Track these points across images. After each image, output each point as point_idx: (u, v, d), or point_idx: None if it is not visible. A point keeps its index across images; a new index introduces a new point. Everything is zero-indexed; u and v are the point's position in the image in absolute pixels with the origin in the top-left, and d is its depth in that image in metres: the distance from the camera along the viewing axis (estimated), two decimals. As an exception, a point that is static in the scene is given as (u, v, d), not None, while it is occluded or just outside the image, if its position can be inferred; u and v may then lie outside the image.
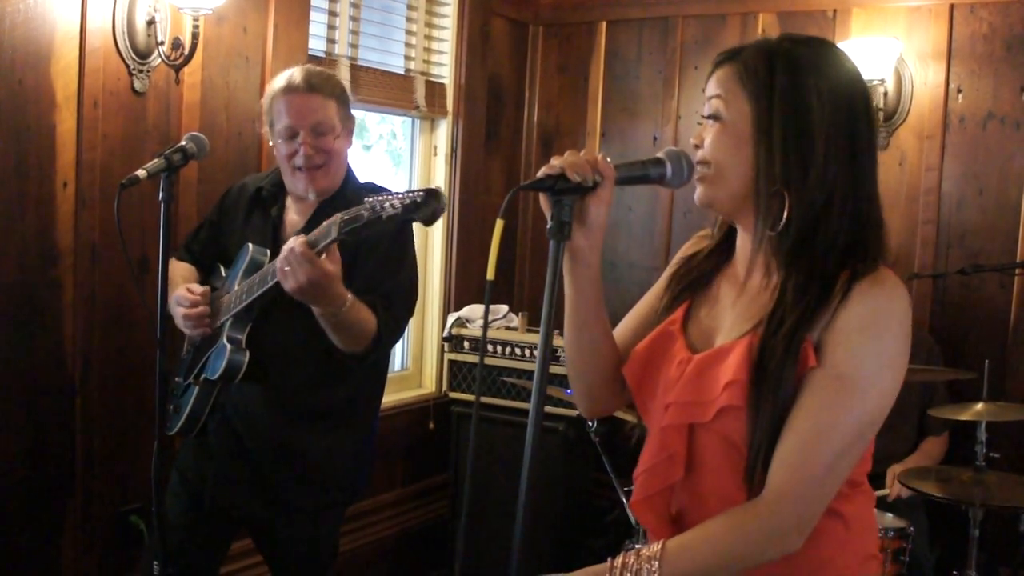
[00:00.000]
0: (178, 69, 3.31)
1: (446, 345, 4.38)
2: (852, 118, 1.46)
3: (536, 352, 1.75)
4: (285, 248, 2.34)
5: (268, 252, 2.65)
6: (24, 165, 3.03)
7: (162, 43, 3.26)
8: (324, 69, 2.78)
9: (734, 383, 1.43)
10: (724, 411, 1.45)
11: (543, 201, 1.47)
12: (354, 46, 4.07)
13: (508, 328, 4.23)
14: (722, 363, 1.47)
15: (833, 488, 1.43)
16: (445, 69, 4.45)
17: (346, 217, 2.22)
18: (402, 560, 4.40)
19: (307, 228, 2.62)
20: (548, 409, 2.43)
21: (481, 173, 4.62)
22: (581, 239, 1.50)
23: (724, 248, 1.64)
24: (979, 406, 3.12)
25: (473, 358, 4.20)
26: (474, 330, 4.21)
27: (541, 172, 1.45)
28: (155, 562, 2.53)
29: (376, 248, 2.57)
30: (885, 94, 4.00)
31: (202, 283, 2.77)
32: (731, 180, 1.49)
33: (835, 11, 4.15)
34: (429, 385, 4.58)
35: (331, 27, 3.95)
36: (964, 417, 3.13)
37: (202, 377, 2.65)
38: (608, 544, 4.02)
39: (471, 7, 4.45)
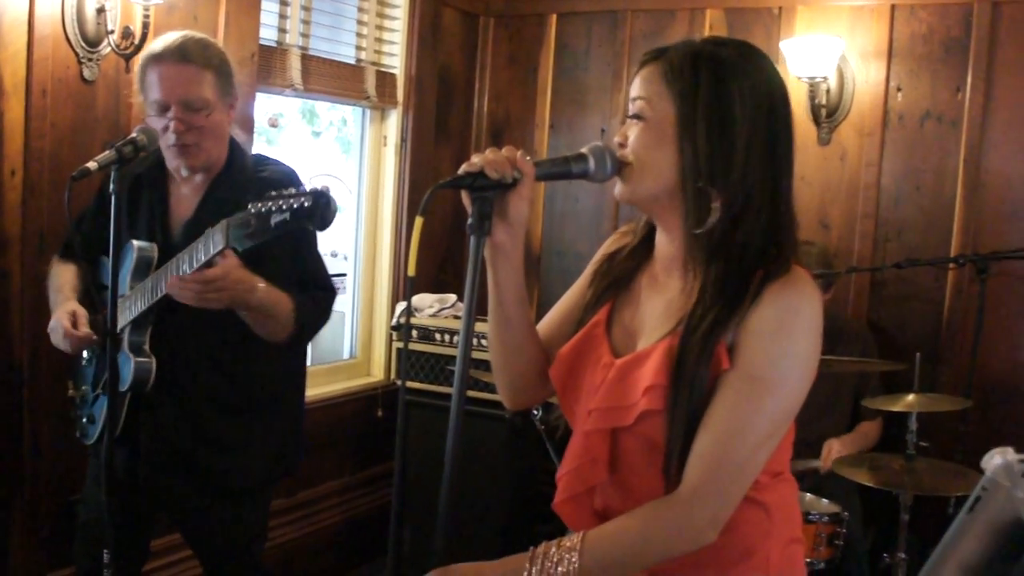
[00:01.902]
0: (128, 58, 3.30)
1: (394, 334, 4.42)
2: (773, 121, 1.50)
3: (485, 341, 1.78)
4: (170, 285, 2.31)
5: (155, 246, 2.55)
6: (-29, 154, 3.01)
7: (112, 32, 3.24)
8: (205, 36, 2.59)
9: (653, 387, 1.47)
10: (644, 415, 1.49)
11: (465, 198, 1.50)
12: (305, 35, 4.07)
13: (456, 317, 4.27)
14: (642, 367, 1.51)
15: (746, 483, 1.48)
16: (396, 59, 4.46)
17: (234, 224, 2.15)
18: (350, 548, 4.44)
19: (196, 215, 2.55)
20: (495, 397, 2.46)
21: (431, 163, 4.65)
22: (502, 234, 1.53)
23: (646, 246, 1.67)
24: (910, 397, 3.22)
25: (423, 347, 4.24)
26: (423, 319, 4.26)
27: (461, 169, 1.48)
28: (105, 551, 2.53)
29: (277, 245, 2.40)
30: (828, 91, 4.10)
31: (89, 283, 2.67)
32: (652, 177, 1.52)
33: (780, 8, 4.24)
34: (378, 373, 4.62)
35: (282, 16, 3.95)
36: (896, 408, 3.24)
37: (108, 388, 2.51)
38: (554, 530, 4.08)
39: (422, -2, 4.47)
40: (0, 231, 3.10)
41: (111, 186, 2.43)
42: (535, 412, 3.46)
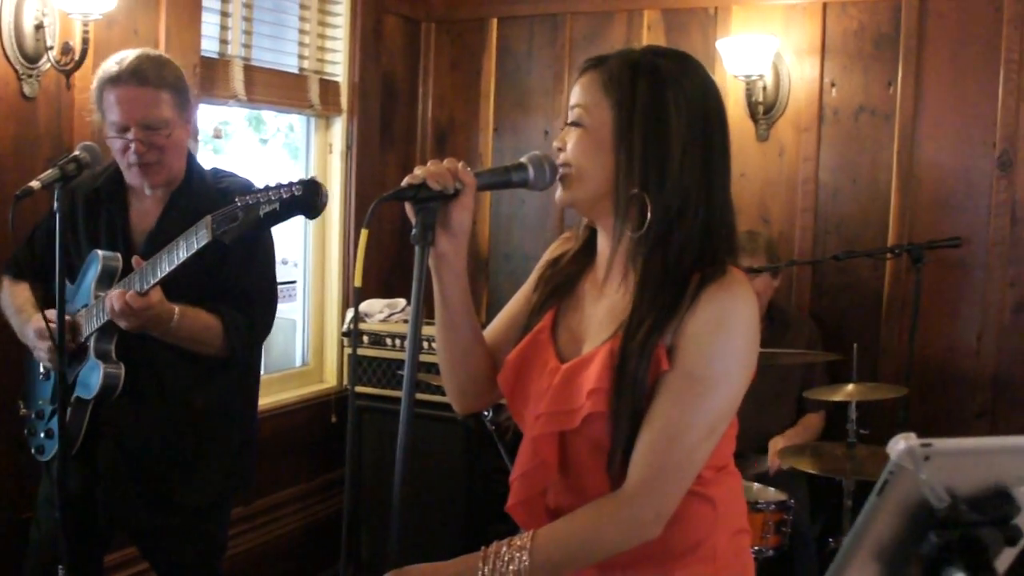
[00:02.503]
0: (68, 74, 3.29)
1: (345, 340, 4.44)
2: (708, 129, 1.57)
3: (435, 344, 1.81)
4: (108, 302, 2.36)
5: (120, 256, 2.58)
6: (-90, 173, 3.00)
7: (51, 48, 3.24)
8: (160, 54, 2.65)
9: (597, 390, 1.53)
10: (589, 417, 1.53)
11: (408, 209, 1.54)
12: (247, 46, 4.08)
13: (406, 321, 4.31)
14: (586, 371, 1.56)
15: (688, 479, 1.54)
16: (339, 67, 4.49)
17: (219, 217, 2.17)
18: (307, 554, 4.45)
19: (159, 226, 2.59)
20: (447, 399, 2.50)
21: (377, 169, 4.67)
22: (446, 244, 1.57)
23: (588, 250, 1.71)
24: (849, 387, 3.32)
25: (374, 352, 4.27)
26: (373, 324, 4.28)
27: (404, 182, 1.52)
28: (60, 567, 2.54)
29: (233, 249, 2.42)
30: (764, 88, 4.19)
31: (45, 299, 2.68)
32: (590, 182, 1.57)
33: (716, 8, 4.32)
34: (331, 380, 4.63)
35: (223, 27, 3.95)
36: (836, 398, 3.33)
37: (74, 397, 2.59)
38: (512, 529, 4.13)
39: (364, 5, 4.49)
40: (-56, 251, 3.08)
41: (54, 204, 2.46)
42: (486, 414, 3.51)
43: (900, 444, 1.22)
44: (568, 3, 4.59)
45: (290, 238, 4.53)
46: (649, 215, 1.53)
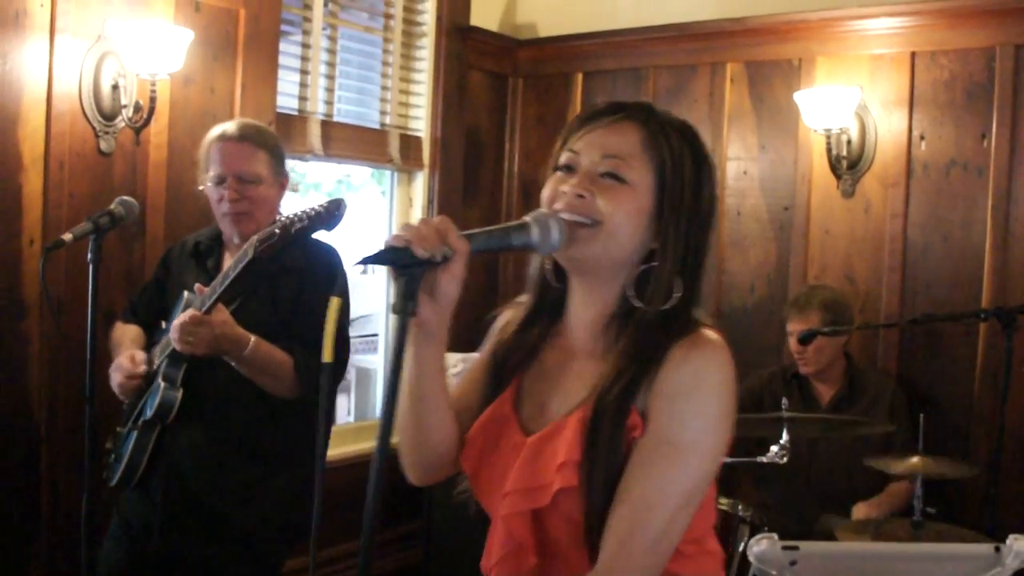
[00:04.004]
0: (139, 131, 3.46)
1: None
2: (714, 200, 1.52)
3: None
4: (174, 325, 2.50)
5: (199, 295, 2.69)
6: (-8, 224, 3.20)
7: (126, 106, 3.42)
8: (262, 124, 2.90)
9: (567, 463, 1.43)
10: (561, 493, 1.44)
11: (389, 274, 1.35)
12: (328, 103, 4.21)
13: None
14: (554, 442, 1.46)
15: (664, 553, 1.42)
16: (421, 123, 4.56)
17: (261, 236, 2.35)
18: (379, 605, 4.46)
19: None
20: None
21: (460, 224, 4.64)
22: (428, 313, 1.39)
23: (545, 314, 1.60)
24: (914, 460, 3.09)
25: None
26: (448, 378, 4.28)
27: (386, 242, 1.34)
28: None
29: (313, 290, 2.66)
30: (849, 142, 4.02)
31: (147, 344, 2.85)
32: (625, 244, 1.46)
33: (800, 60, 4.18)
34: (406, 431, 4.64)
35: (303, 85, 4.09)
36: (896, 471, 3.11)
37: (140, 420, 2.73)
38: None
39: (447, 62, 4.57)
40: (19, 297, 3.27)
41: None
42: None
43: (758, 547, 1.12)
44: (651, 57, 4.55)
45: (374, 292, 4.61)
46: (673, 292, 1.46)
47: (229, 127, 2.75)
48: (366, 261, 1.35)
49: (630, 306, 1.47)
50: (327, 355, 1.39)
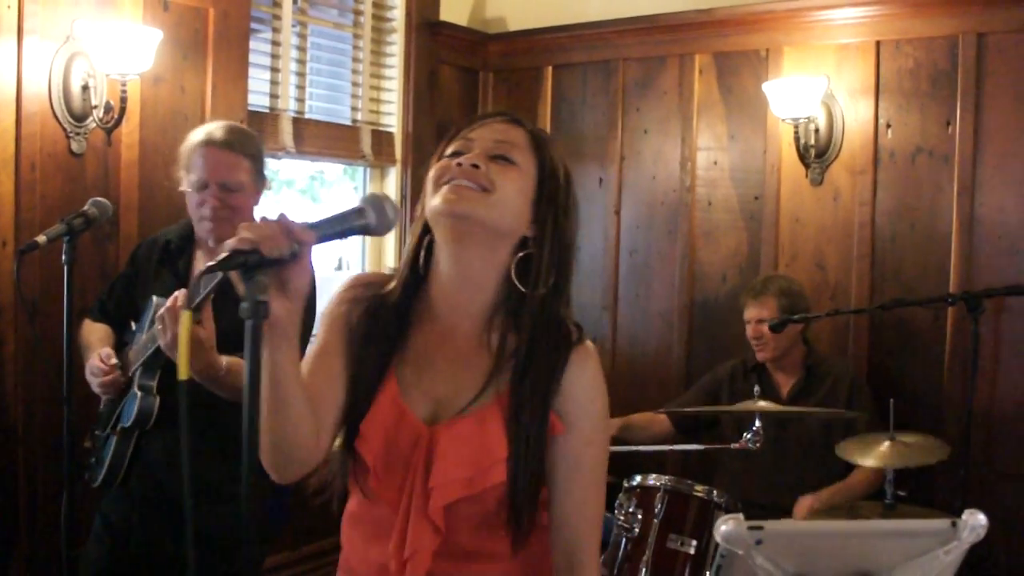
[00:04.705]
0: (110, 131, 3.46)
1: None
2: (577, 227, 1.66)
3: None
4: (164, 305, 2.45)
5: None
6: (-37, 227, 3.20)
7: (96, 107, 3.42)
8: (246, 128, 2.88)
9: (499, 461, 1.53)
10: (493, 487, 1.54)
11: (235, 278, 1.32)
12: (300, 100, 4.21)
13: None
14: (481, 436, 1.54)
15: None
16: (393, 118, 4.58)
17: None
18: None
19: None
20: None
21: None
22: (281, 310, 1.37)
23: (407, 298, 1.63)
24: (884, 445, 3.13)
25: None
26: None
27: (230, 245, 1.31)
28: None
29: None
30: (816, 131, 4.07)
31: (117, 343, 2.85)
32: (506, 217, 1.55)
33: (767, 51, 4.23)
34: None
35: (274, 83, 4.10)
36: (867, 462, 3.15)
37: (119, 426, 2.75)
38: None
39: (417, 57, 4.59)
40: (-7, 300, 3.27)
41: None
42: None
43: (724, 526, 1.15)
44: (620, 49, 4.58)
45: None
46: (545, 276, 1.58)
47: (216, 132, 2.72)
48: (213, 269, 1.30)
49: (513, 297, 1.58)
50: (183, 372, 1.35)
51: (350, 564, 1.68)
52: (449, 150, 1.61)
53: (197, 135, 2.76)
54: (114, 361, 2.71)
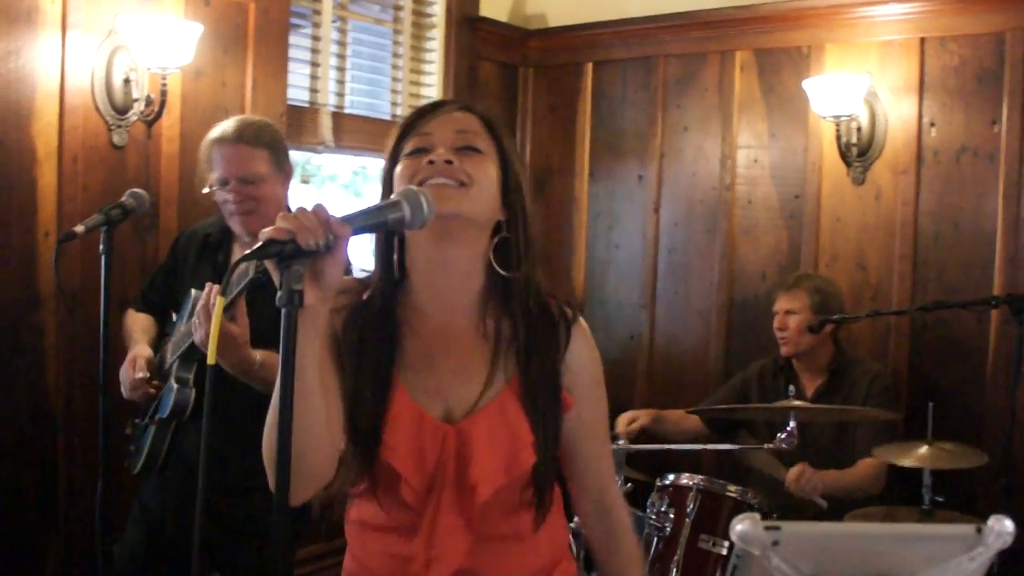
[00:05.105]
0: (150, 124, 3.50)
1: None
2: (525, 175, 1.66)
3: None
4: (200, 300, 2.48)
5: None
6: (7, 217, 3.24)
7: (138, 100, 3.46)
8: (261, 119, 2.88)
9: (527, 445, 1.57)
10: (524, 471, 1.58)
11: (270, 267, 1.34)
12: (340, 95, 4.23)
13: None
14: (505, 427, 1.56)
15: None
16: (432, 114, 4.57)
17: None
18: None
19: None
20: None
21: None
22: (313, 300, 1.36)
23: (387, 304, 1.61)
24: (923, 449, 3.08)
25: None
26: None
27: (266, 234, 1.31)
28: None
29: None
30: (859, 129, 4.01)
31: (159, 332, 2.91)
32: (487, 206, 1.56)
33: (809, 48, 4.17)
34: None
35: (314, 77, 4.12)
36: (905, 463, 3.10)
37: (156, 416, 2.80)
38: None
39: (458, 53, 4.59)
40: (35, 289, 3.32)
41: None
42: None
43: (740, 526, 1.13)
44: (661, 46, 4.55)
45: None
46: (523, 256, 1.60)
47: (227, 128, 2.75)
48: (249, 257, 1.31)
49: (497, 283, 1.59)
50: (211, 357, 1.34)
51: (369, 566, 1.65)
52: (408, 148, 1.58)
53: (211, 134, 2.79)
54: (142, 375, 2.73)
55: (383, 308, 1.60)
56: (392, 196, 1.45)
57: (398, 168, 1.57)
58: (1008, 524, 1.20)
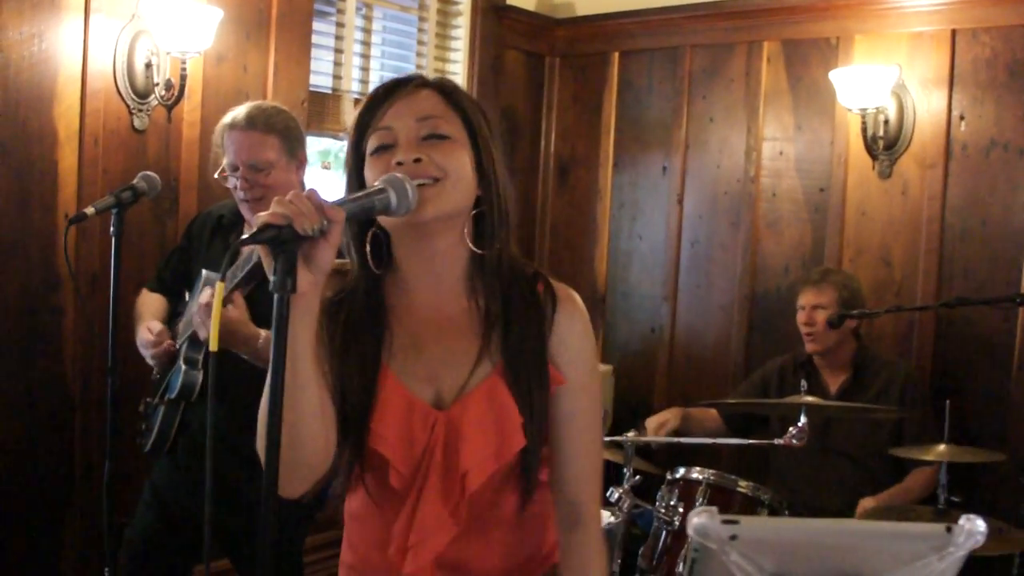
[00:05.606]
0: (170, 108, 3.52)
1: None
2: (496, 131, 1.60)
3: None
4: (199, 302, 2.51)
5: (219, 275, 2.79)
6: (28, 199, 3.28)
7: (158, 84, 3.48)
8: (274, 105, 2.85)
9: (516, 428, 1.52)
10: (514, 454, 1.54)
11: (262, 250, 1.32)
12: (363, 82, 4.23)
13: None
14: (493, 411, 1.52)
15: None
16: (456, 102, 4.56)
17: None
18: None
19: None
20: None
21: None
22: (306, 285, 1.34)
23: (371, 296, 1.58)
24: (940, 447, 3.03)
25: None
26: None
27: (262, 219, 1.30)
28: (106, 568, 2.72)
29: None
30: (886, 122, 3.94)
31: (172, 312, 2.93)
32: (465, 194, 1.52)
33: (838, 39, 4.10)
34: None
35: (337, 63, 4.12)
36: (926, 457, 3.05)
37: (166, 397, 2.82)
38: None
39: (483, 41, 4.57)
40: (54, 271, 3.35)
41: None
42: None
43: (696, 519, 1.10)
44: (687, 36, 4.50)
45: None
46: (499, 230, 1.55)
47: (238, 114, 2.74)
48: (245, 243, 1.31)
49: (480, 259, 1.55)
50: (213, 344, 1.33)
51: (363, 556, 1.65)
52: (371, 146, 1.53)
53: (224, 119, 2.77)
54: (159, 328, 2.77)
55: (368, 294, 1.58)
56: (376, 183, 1.44)
57: (366, 168, 1.53)
58: (980, 524, 1.16)
